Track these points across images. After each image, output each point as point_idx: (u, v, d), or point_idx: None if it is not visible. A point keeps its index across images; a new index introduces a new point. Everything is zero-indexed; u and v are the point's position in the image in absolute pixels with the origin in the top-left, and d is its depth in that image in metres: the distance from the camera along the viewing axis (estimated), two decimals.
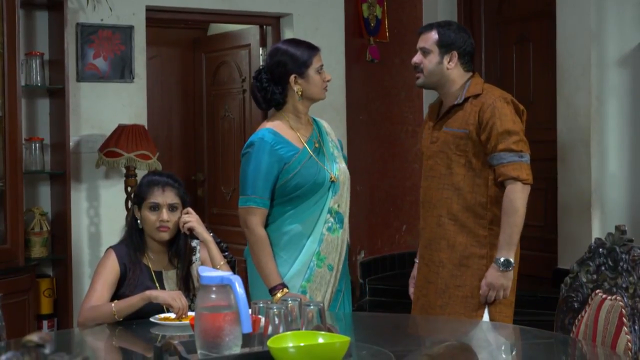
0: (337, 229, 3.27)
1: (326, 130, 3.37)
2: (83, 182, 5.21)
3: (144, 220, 3.17)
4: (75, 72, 5.13)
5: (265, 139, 3.19)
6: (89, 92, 5.20)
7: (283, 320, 2.33)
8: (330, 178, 3.25)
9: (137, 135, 5.00)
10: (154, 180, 3.21)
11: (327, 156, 3.27)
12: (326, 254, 3.26)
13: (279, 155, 3.19)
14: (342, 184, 3.28)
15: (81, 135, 5.18)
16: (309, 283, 3.25)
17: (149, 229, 3.17)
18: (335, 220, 3.27)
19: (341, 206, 3.28)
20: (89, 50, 5.19)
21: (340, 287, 3.32)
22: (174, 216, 3.17)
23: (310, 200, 3.26)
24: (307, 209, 3.26)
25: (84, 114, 5.19)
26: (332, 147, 3.32)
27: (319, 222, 3.26)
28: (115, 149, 4.96)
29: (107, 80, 5.25)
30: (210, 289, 2.31)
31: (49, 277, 4.96)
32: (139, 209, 3.20)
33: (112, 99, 5.27)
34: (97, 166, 5.05)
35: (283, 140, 3.21)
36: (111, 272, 3.13)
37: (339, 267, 3.29)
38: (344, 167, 3.33)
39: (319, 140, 3.28)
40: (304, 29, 5.87)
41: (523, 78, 6.23)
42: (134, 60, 5.32)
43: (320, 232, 3.26)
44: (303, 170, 3.21)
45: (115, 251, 3.17)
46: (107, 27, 5.23)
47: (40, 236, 4.84)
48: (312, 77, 3.21)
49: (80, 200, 5.17)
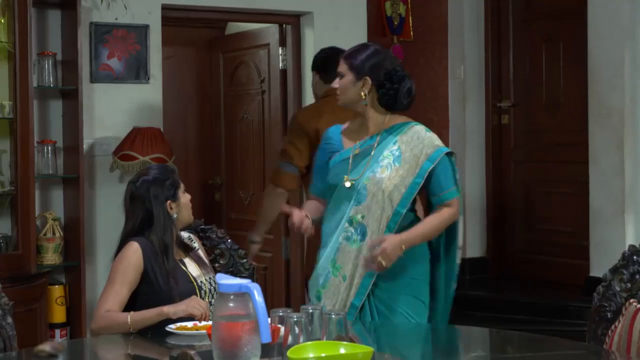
0: (356, 240, 3.28)
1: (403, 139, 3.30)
2: (97, 186, 5.21)
3: (185, 205, 3.27)
4: (88, 72, 5.13)
5: (326, 132, 3.48)
6: (103, 93, 5.21)
7: (304, 330, 2.32)
8: (344, 180, 3.29)
9: (153, 138, 5.01)
10: (170, 168, 3.37)
11: (368, 164, 3.29)
12: (341, 264, 3.29)
13: (327, 150, 3.43)
14: (372, 195, 3.27)
15: (95, 137, 5.18)
16: (324, 289, 3.33)
17: (187, 212, 3.30)
18: (357, 231, 3.28)
19: (366, 218, 3.27)
20: (103, 50, 5.20)
21: (355, 303, 3.29)
22: None
23: (334, 204, 3.34)
24: (332, 213, 3.36)
25: (97, 116, 5.19)
26: (386, 156, 3.28)
27: (337, 229, 3.31)
28: (130, 152, 4.96)
29: (122, 81, 5.25)
30: (228, 297, 2.31)
31: (61, 285, 4.96)
32: (175, 199, 3.25)
33: (126, 100, 5.26)
34: (112, 170, 5.07)
35: (336, 138, 3.41)
36: (133, 268, 3.13)
37: (354, 280, 3.27)
38: (382, 177, 3.26)
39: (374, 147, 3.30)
40: (324, 28, 5.83)
41: (553, 78, 6.18)
42: (149, 61, 5.31)
43: (337, 240, 3.30)
44: (333, 170, 3.35)
45: (141, 244, 3.16)
46: (121, 26, 5.23)
47: (52, 242, 4.85)
48: None
49: (93, 205, 5.17)
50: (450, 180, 3.31)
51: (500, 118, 6.52)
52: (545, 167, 6.22)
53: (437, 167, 3.27)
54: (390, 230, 3.24)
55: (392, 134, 3.32)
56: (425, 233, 3.29)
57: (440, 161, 3.27)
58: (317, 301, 3.33)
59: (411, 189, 3.27)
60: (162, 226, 3.19)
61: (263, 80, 6.18)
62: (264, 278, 6.13)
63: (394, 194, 3.26)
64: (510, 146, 6.50)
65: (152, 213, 3.22)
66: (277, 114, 6.04)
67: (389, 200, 3.26)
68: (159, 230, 3.19)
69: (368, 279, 3.26)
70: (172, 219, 3.22)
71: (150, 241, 3.18)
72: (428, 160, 3.27)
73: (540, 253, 6.17)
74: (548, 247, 6.09)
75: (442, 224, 3.31)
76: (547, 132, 6.19)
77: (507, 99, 6.50)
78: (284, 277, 6.02)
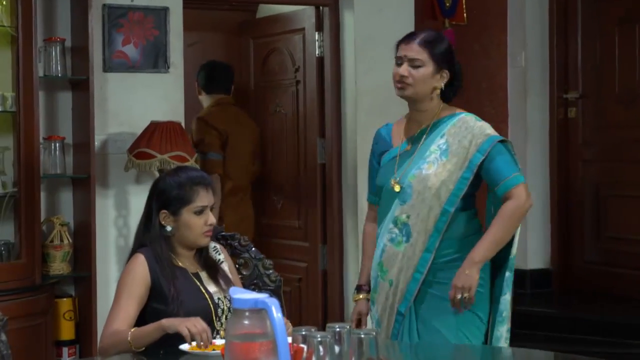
0: (401, 242, 3.34)
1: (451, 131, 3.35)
2: (110, 187, 5.19)
3: (187, 225, 3.19)
4: (101, 61, 5.11)
5: (376, 133, 3.58)
6: (118, 84, 5.18)
7: (329, 351, 2.24)
8: (391, 181, 3.36)
9: (172, 133, 4.97)
10: (197, 180, 3.23)
11: (413, 160, 3.36)
12: (387, 267, 3.38)
13: (376, 152, 3.53)
14: (417, 193, 3.31)
15: (108, 133, 5.16)
16: (375, 294, 3.44)
17: (192, 235, 3.21)
18: (402, 232, 3.34)
19: (412, 218, 3.31)
20: (118, 36, 5.17)
21: (401, 309, 3.32)
22: (214, 217, 3.27)
23: (382, 204, 3.44)
24: (381, 214, 3.46)
25: (111, 109, 5.17)
26: (433, 150, 3.33)
27: (383, 230, 3.42)
28: (146, 149, 4.93)
29: (138, 70, 5.22)
30: (243, 314, 2.25)
31: (70, 297, 4.95)
32: (175, 214, 3.19)
33: (144, 92, 5.24)
34: (127, 169, 5.04)
35: (385, 137, 3.51)
36: (140, 282, 3.13)
37: (398, 285, 3.34)
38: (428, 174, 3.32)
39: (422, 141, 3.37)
40: (366, 10, 5.80)
41: (627, 66, 6.08)
42: (169, 47, 5.28)
43: (383, 242, 3.40)
44: (381, 171, 3.46)
45: (146, 256, 3.16)
46: (138, 8, 5.20)
47: (60, 250, 4.83)
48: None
49: (107, 209, 5.15)
50: (511, 165, 3.31)
51: (566, 111, 6.48)
52: (618, 167, 6.17)
53: (491, 156, 3.29)
54: (438, 232, 3.28)
55: (440, 127, 3.37)
56: (496, 240, 3.29)
57: (493, 150, 3.29)
58: (372, 305, 3.46)
59: (460, 185, 3.30)
60: (153, 235, 3.21)
61: (297, 69, 6.13)
62: (298, 291, 6.06)
63: (441, 191, 3.29)
64: (578, 143, 6.46)
65: (150, 218, 3.24)
66: (313, 106, 5.99)
67: (436, 199, 3.29)
68: (152, 239, 3.21)
69: (414, 285, 3.31)
70: (164, 232, 3.21)
71: (153, 250, 3.19)
72: (478, 152, 3.29)
73: (612, 264, 6.14)
74: (621, 257, 6.05)
75: (509, 221, 3.28)
76: (621, 127, 6.13)
77: (574, 90, 6.45)
78: (320, 290, 5.96)
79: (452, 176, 3.29)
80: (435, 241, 3.30)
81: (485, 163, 3.29)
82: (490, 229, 3.30)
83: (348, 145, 5.88)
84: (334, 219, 5.89)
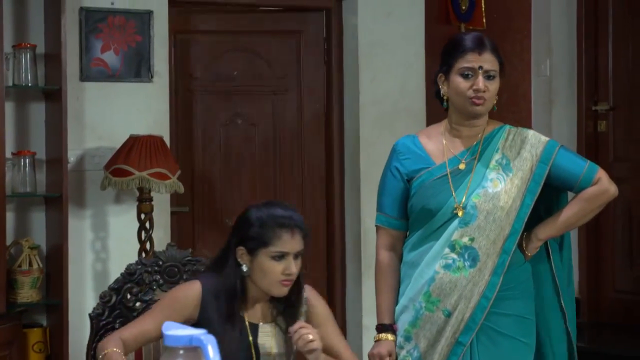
0: (462, 267, 3.27)
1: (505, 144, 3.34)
2: (87, 207, 5.16)
3: (263, 270, 3.07)
4: (78, 69, 5.09)
5: (398, 146, 3.41)
6: (96, 94, 5.17)
7: None
8: (454, 208, 3.29)
9: (153, 148, 4.93)
10: (281, 220, 3.08)
11: (472, 179, 3.31)
12: (440, 296, 3.29)
13: (403, 167, 3.37)
14: (485, 214, 3.28)
15: (85, 148, 5.14)
16: (414, 328, 3.33)
17: (267, 281, 3.08)
18: (463, 257, 3.28)
19: (477, 240, 3.27)
20: (96, 42, 5.15)
21: (463, 340, 3.27)
22: (298, 266, 3.10)
23: (425, 228, 3.34)
24: (423, 239, 3.35)
25: (88, 122, 5.15)
26: (494, 167, 3.32)
27: (432, 256, 3.32)
28: (124, 166, 4.89)
29: (119, 80, 5.21)
30: (177, 352, 2.15)
31: (40, 327, 4.90)
32: (252, 253, 3.08)
33: (125, 103, 5.22)
34: (103, 187, 4.98)
35: (416, 151, 3.37)
36: (182, 312, 3.04)
37: (464, 315, 3.27)
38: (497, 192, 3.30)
39: (476, 158, 3.33)
40: (372, 14, 5.77)
41: None
42: (153, 55, 5.26)
43: (433, 270, 3.30)
44: (421, 192, 3.33)
45: (204, 286, 3.07)
46: (118, 12, 5.19)
47: (29, 275, 4.78)
48: (452, 80, 3.31)
49: (82, 231, 5.12)
50: (579, 160, 3.36)
51: (596, 124, 6.47)
52: None
53: (556, 162, 3.31)
54: (507, 254, 3.27)
55: (492, 141, 3.35)
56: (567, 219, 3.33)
57: (556, 157, 3.31)
58: (407, 342, 3.36)
59: (528, 201, 3.30)
60: (229, 270, 3.11)
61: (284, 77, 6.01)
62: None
63: (512, 208, 3.29)
64: (608, 160, 6.40)
65: (228, 251, 3.14)
66: (318, 117, 5.94)
67: (507, 217, 3.28)
68: (226, 274, 3.11)
69: (480, 312, 3.27)
70: (240, 271, 3.10)
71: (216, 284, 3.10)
72: (541, 162, 3.31)
73: None
74: None
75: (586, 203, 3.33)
76: None
77: (604, 101, 6.44)
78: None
79: (520, 192, 3.29)
80: (505, 263, 3.27)
81: (553, 170, 3.30)
82: (565, 209, 3.33)
83: (351, 160, 5.84)
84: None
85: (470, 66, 3.25)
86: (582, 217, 3.37)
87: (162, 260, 3.60)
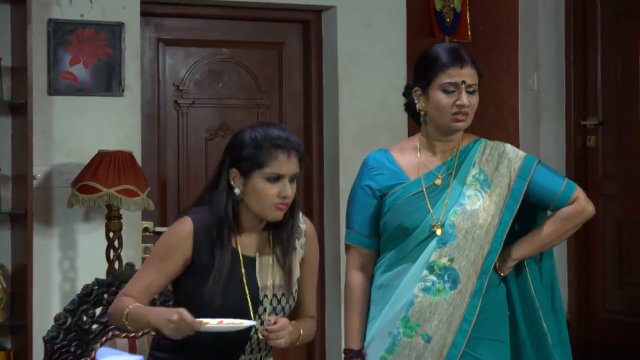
0: (442, 289, 3.24)
1: (482, 159, 3.31)
2: (54, 225, 5.16)
3: (256, 192, 3.02)
4: (46, 82, 5.10)
5: (369, 160, 3.36)
6: (64, 108, 5.16)
7: None
8: (432, 226, 3.25)
9: (122, 164, 4.92)
10: (277, 141, 3.03)
11: (449, 195, 3.28)
12: (419, 321, 3.25)
13: (376, 183, 3.31)
14: (464, 232, 3.25)
15: (53, 164, 5.13)
16: (391, 355, 3.27)
17: (261, 204, 3.03)
18: (443, 278, 3.24)
19: (457, 260, 3.24)
20: (65, 55, 5.16)
21: None
22: (293, 190, 3.07)
23: (400, 248, 3.29)
24: (397, 259, 3.30)
25: (57, 137, 5.14)
26: (471, 183, 3.30)
27: (410, 279, 3.28)
28: (91, 182, 4.87)
29: (89, 94, 5.21)
30: None
31: (4, 350, 4.89)
32: (246, 175, 3.03)
33: (94, 117, 5.22)
34: (70, 205, 4.96)
35: (389, 166, 3.33)
36: (177, 257, 3.03)
37: (446, 340, 3.24)
38: (475, 209, 3.27)
39: (452, 174, 3.30)
40: (351, 26, 5.79)
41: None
42: (124, 68, 5.27)
43: (412, 293, 3.26)
44: (396, 208, 3.28)
45: (195, 224, 3.04)
46: (88, 24, 5.19)
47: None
48: (433, 95, 3.25)
49: (49, 250, 5.11)
50: (556, 178, 3.34)
51: (585, 140, 6.45)
52: None
53: (534, 179, 3.29)
54: (485, 274, 3.25)
55: (468, 155, 3.33)
56: (542, 238, 3.32)
57: (534, 173, 3.29)
58: None
59: (506, 218, 3.28)
60: (219, 194, 3.06)
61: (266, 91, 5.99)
62: None
63: (490, 226, 3.26)
64: (598, 176, 6.40)
65: (220, 174, 3.09)
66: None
67: (485, 236, 3.26)
68: (217, 198, 3.06)
69: (461, 338, 3.25)
70: (233, 194, 3.05)
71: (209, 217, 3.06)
72: (519, 178, 3.29)
73: (638, 314, 6.07)
74: None
75: (562, 223, 3.32)
76: None
77: (593, 116, 6.42)
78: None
79: (498, 209, 3.27)
80: (484, 284, 3.25)
81: (530, 187, 3.28)
82: (540, 227, 3.32)
83: (330, 177, 5.83)
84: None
85: (452, 81, 3.22)
86: (558, 237, 3.34)
87: (120, 280, 3.62)
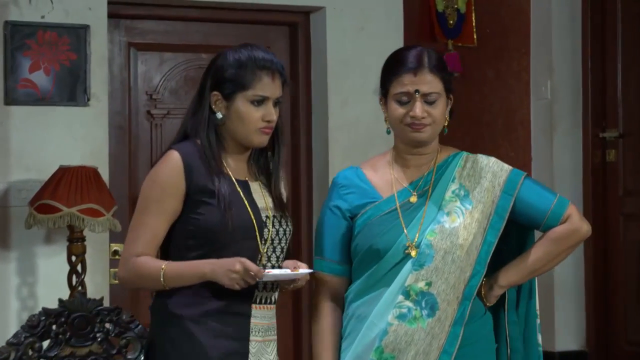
0: (419, 317, 3.16)
1: (462, 173, 3.25)
2: (12, 248, 5.16)
3: (240, 116, 3.07)
4: (2, 91, 5.12)
5: (339, 179, 3.31)
6: (23, 119, 5.16)
7: None
8: (406, 247, 3.16)
9: (85, 181, 4.86)
10: (262, 62, 3.09)
11: (425, 213, 3.21)
12: (394, 352, 3.17)
13: (346, 203, 3.25)
14: (443, 253, 3.16)
15: (10, 181, 5.14)
16: None
17: (245, 128, 3.08)
18: (420, 305, 3.16)
19: (435, 285, 3.16)
20: (24, 60, 5.16)
21: None
22: (277, 114, 3.14)
23: (372, 273, 3.22)
24: (370, 285, 3.23)
25: (14, 151, 5.14)
26: (450, 199, 3.22)
27: (384, 305, 3.20)
28: (51, 201, 4.81)
29: (50, 103, 5.21)
30: None
31: None
32: (229, 98, 3.07)
33: (57, 129, 5.21)
34: (27, 226, 4.91)
35: (360, 184, 3.27)
36: (172, 192, 3.04)
37: None
38: (455, 227, 3.18)
39: (429, 190, 3.23)
40: (342, 28, 5.79)
41: None
42: (89, 75, 5.26)
43: (385, 321, 3.17)
44: (367, 229, 3.22)
45: (182, 155, 3.06)
46: (50, 27, 5.19)
47: None
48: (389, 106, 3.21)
49: (7, 275, 5.12)
50: (546, 194, 3.24)
51: (604, 154, 6.44)
52: None
53: (520, 195, 3.20)
54: (468, 301, 3.16)
55: (447, 170, 3.26)
56: (531, 264, 3.22)
57: (521, 188, 3.20)
58: None
59: (490, 238, 3.19)
60: (201, 120, 3.11)
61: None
62: None
63: (472, 247, 3.17)
64: (618, 194, 6.40)
65: (202, 98, 3.12)
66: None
67: (467, 257, 3.16)
68: (198, 124, 3.11)
69: None
70: (214, 119, 3.10)
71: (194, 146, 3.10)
72: (504, 193, 3.20)
73: None
74: None
75: (555, 245, 3.21)
76: None
77: (613, 127, 6.40)
78: None
79: (481, 227, 3.18)
80: (466, 312, 3.15)
81: (517, 204, 3.19)
82: (529, 251, 3.24)
83: (319, 192, 5.77)
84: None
85: (404, 90, 3.15)
86: (550, 261, 3.23)
87: (69, 309, 3.57)
